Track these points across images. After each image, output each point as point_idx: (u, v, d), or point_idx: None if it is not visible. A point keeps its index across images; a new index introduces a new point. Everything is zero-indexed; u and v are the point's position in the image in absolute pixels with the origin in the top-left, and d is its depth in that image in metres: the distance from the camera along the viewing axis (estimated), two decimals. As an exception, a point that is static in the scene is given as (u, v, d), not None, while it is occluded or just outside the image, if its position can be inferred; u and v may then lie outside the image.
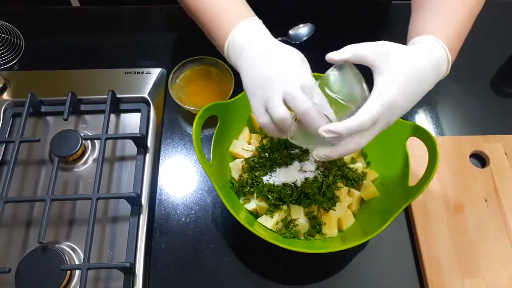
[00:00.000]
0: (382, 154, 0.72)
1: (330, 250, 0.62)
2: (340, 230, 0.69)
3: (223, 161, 0.72)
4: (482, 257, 0.69)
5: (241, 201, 0.70)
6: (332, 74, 0.53)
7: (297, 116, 0.52)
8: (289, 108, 0.53)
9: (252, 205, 0.69)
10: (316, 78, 0.55)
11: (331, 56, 0.52)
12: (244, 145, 0.74)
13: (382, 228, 0.60)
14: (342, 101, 0.52)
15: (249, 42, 0.58)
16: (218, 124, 0.69)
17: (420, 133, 0.63)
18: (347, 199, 0.69)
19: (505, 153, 0.79)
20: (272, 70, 0.53)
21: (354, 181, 0.71)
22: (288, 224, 0.68)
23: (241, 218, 0.61)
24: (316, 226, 0.67)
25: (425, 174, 0.61)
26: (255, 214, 0.70)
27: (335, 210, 0.67)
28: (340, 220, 0.68)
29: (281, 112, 0.52)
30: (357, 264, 0.70)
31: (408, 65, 0.51)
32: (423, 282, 0.68)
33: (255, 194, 0.68)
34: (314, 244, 0.67)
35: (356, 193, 0.70)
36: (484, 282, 0.67)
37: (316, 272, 0.70)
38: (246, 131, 0.76)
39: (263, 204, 0.68)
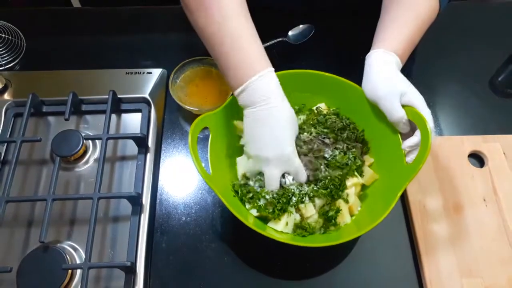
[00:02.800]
0: (376, 137, 0.72)
1: (349, 238, 0.61)
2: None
3: (223, 169, 0.71)
4: (481, 257, 0.69)
5: (246, 207, 0.69)
6: None
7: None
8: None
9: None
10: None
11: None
12: None
13: (391, 206, 0.60)
14: None
15: (261, 99, 0.62)
16: (211, 135, 0.68)
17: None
18: (352, 187, 0.69)
19: (504, 153, 0.79)
20: (274, 149, 0.64)
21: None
22: (300, 223, 0.67)
23: (251, 223, 0.61)
24: (331, 220, 0.67)
25: (420, 151, 0.62)
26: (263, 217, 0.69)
27: (346, 200, 0.68)
28: (351, 207, 0.68)
29: (275, 186, 0.67)
30: (357, 264, 0.71)
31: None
32: (422, 282, 0.69)
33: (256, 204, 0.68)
34: (330, 236, 0.66)
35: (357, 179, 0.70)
36: (483, 282, 0.67)
37: (315, 271, 0.70)
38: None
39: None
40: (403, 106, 0.64)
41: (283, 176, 0.67)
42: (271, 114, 0.63)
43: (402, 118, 0.64)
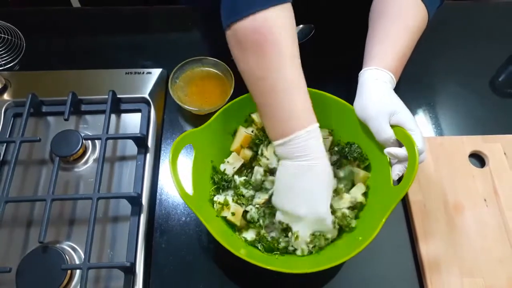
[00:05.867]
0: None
1: (330, 265, 0.60)
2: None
3: (206, 185, 0.70)
4: (481, 257, 0.69)
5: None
6: None
7: None
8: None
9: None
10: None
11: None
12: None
13: (376, 231, 0.59)
14: None
15: (304, 153, 0.60)
16: (194, 153, 0.67)
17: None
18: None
19: (504, 153, 0.79)
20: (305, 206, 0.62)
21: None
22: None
23: (241, 253, 0.61)
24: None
25: (406, 174, 0.60)
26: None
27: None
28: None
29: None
30: (357, 264, 0.71)
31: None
32: (422, 282, 0.69)
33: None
34: (307, 260, 0.66)
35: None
36: (484, 282, 0.67)
37: (314, 272, 0.70)
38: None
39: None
40: (393, 126, 0.63)
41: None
42: (311, 170, 0.60)
43: (389, 138, 0.63)
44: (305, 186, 0.61)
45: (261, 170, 0.70)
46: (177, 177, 0.62)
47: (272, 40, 0.58)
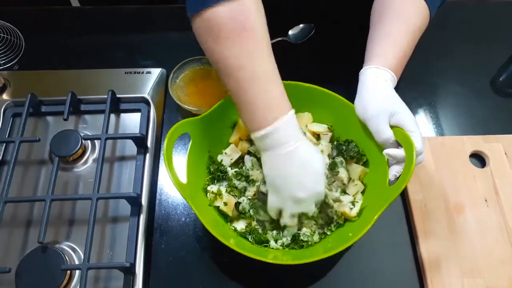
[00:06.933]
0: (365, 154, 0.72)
1: (317, 258, 0.60)
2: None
3: (201, 175, 0.70)
4: (482, 257, 0.69)
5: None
6: None
7: None
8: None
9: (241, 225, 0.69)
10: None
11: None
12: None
13: (366, 229, 0.59)
14: None
15: (286, 140, 0.60)
16: (191, 141, 0.67)
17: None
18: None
19: (505, 153, 0.79)
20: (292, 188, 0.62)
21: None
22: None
23: (231, 243, 0.61)
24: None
25: (402, 174, 0.60)
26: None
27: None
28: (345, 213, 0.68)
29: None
30: (357, 264, 0.70)
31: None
32: (423, 282, 0.68)
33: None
34: (296, 253, 0.66)
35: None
36: (484, 282, 0.67)
37: (315, 271, 0.70)
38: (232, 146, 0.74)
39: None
40: (392, 126, 0.63)
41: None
42: (298, 153, 0.60)
43: (389, 139, 0.62)
44: (299, 168, 0.61)
45: (252, 159, 0.70)
46: (171, 164, 0.62)
47: (250, 27, 0.57)
